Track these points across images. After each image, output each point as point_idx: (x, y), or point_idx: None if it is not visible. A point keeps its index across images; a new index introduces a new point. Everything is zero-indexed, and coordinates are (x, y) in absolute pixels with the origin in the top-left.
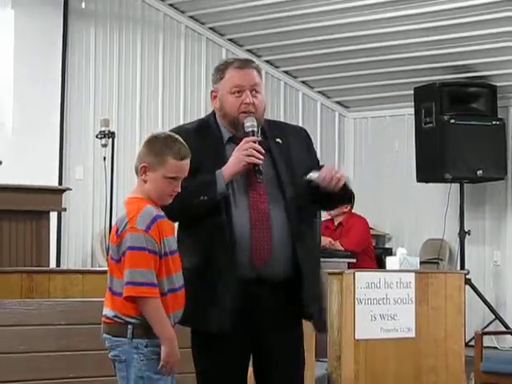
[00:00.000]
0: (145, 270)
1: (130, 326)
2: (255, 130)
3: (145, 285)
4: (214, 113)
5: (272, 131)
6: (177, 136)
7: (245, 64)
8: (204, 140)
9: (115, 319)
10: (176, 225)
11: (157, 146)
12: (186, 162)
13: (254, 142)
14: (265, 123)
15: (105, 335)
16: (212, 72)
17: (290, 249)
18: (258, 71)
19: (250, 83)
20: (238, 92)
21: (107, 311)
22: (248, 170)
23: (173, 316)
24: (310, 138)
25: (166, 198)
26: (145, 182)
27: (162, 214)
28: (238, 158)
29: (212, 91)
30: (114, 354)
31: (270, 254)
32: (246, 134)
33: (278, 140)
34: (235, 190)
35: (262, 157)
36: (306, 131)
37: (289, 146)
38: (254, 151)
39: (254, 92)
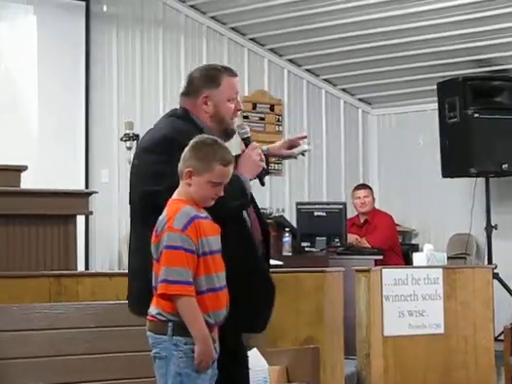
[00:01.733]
0: (180, 268)
1: (170, 324)
2: (250, 135)
3: (179, 283)
4: (185, 113)
5: None
6: (222, 142)
7: (235, 73)
8: None
9: (158, 317)
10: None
11: (203, 151)
12: (231, 168)
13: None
14: None
15: (148, 333)
16: (199, 75)
17: None
18: None
19: (239, 91)
20: (233, 101)
21: (152, 309)
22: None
23: (213, 315)
24: None
25: (209, 200)
26: (189, 185)
27: (204, 215)
28: (256, 163)
29: (204, 96)
30: (155, 351)
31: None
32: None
33: None
34: None
35: (264, 164)
36: None
37: None
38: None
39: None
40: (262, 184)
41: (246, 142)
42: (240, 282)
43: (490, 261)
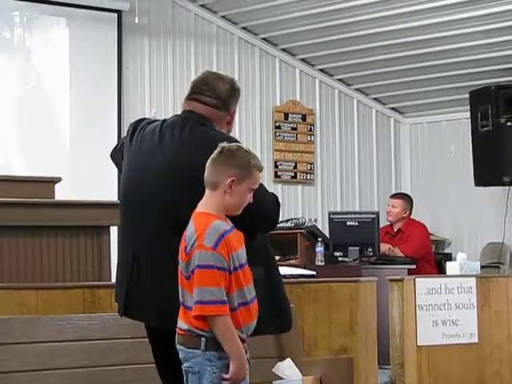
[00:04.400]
0: (213, 288)
1: (203, 339)
2: None
3: (213, 303)
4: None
5: None
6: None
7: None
8: None
9: (189, 332)
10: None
11: (241, 158)
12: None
13: None
14: None
15: (179, 346)
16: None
17: None
18: None
19: None
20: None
21: (181, 324)
22: None
23: (245, 329)
24: None
25: (241, 208)
26: (228, 194)
27: (230, 226)
28: None
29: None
30: (187, 365)
31: None
32: None
33: None
34: None
35: None
36: None
37: None
38: None
39: None
40: None
41: None
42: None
43: None
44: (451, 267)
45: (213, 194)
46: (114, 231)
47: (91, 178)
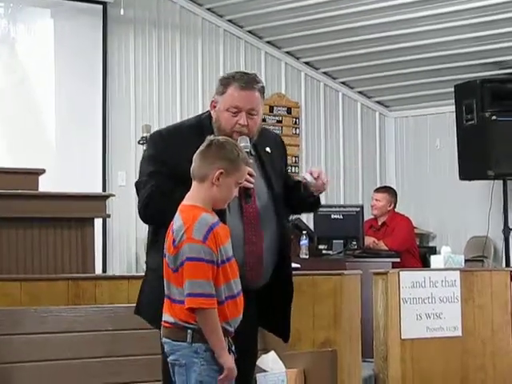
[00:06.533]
0: (203, 280)
1: (189, 331)
2: (248, 150)
3: (203, 296)
4: (210, 116)
5: (260, 140)
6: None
7: (248, 85)
8: (198, 139)
9: (176, 324)
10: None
11: (230, 151)
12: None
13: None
14: None
15: (164, 339)
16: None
17: (273, 264)
18: (261, 92)
19: (248, 106)
20: (235, 112)
21: (167, 317)
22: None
23: (232, 322)
24: (284, 145)
25: (226, 202)
26: (216, 186)
27: (217, 220)
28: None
29: (212, 100)
30: (173, 357)
31: (261, 271)
32: None
33: (267, 149)
34: (230, 205)
35: (253, 180)
36: (280, 138)
37: (277, 154)
38: (248, 175)
39: (250, 113)
40: (246, 202)
41: None
42: None
43: (507, 263)
44: (435, 261)
45: (200, 187)
46: (97, 223)
47: (76, 171)
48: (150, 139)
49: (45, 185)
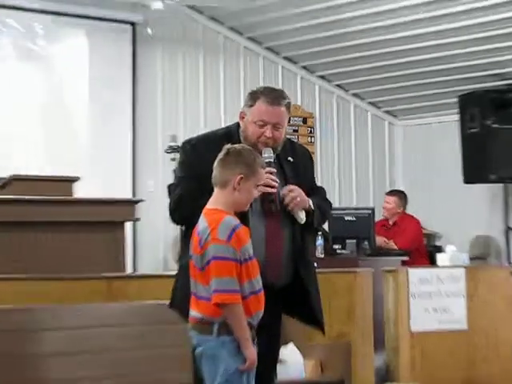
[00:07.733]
0: (228, 277)
1: (215, 325)
2: (271, 160)
3: (229, 292)
4: (238, 126)
5: (284, 150)
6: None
7: (276, 101)
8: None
9: (202, 320)
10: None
11: (247, 157)
12: None
13: (271, 174)
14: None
15: (192, 332)
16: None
17: (292, 264)
18: (287, 108)
19: (273, 120)
20: (261, 125)
21: (194, 313)
22: (263, 196)
23: (255, 316)
24: (312, 160)
25: (248, 204)
26: (237, 191)
27: (239, 222)
28: None
29: (241, 112)
30: (200, 349)
31: (281, 271)
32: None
33: (289, 158)
34: (253, 208)
35: (276, 185)
36: (309, 152)
37: (299, 164)
38: (270, 181)
39: (275, 127)
40: (271, 210)
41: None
42: None
43: (509, 260)
44: (442, 258)
45: (222, 192)
46: (128, 227)
47: (107, 179)
48: (181, 147)
49: (79, 191)
